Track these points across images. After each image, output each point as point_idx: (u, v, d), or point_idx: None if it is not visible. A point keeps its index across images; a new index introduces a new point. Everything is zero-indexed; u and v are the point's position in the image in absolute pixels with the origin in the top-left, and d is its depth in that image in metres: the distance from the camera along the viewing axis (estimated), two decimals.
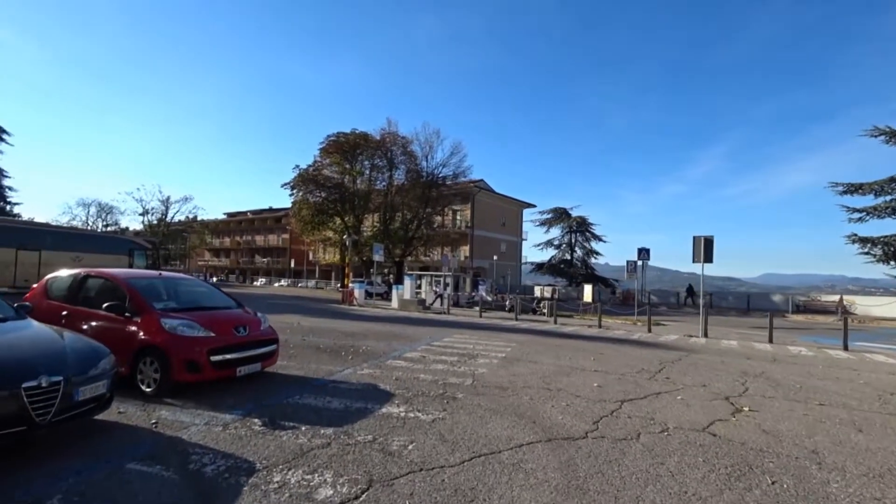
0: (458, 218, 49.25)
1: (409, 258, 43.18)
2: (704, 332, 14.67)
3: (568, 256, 51.25)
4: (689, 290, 37.53)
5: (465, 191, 45.71)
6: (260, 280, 69.64)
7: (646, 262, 22.81)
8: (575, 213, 51.28)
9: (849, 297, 28.70)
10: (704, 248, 14.63)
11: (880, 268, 28.16)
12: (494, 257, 44.01)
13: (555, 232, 52.38)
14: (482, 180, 51.70)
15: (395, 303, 24.23)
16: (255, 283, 68.30)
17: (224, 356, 5.46)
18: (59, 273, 6.34)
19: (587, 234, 51.31)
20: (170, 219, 65.87)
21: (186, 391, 5.30)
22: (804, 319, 24.72)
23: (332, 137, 38.96)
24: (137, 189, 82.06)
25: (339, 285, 41.68)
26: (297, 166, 38.95)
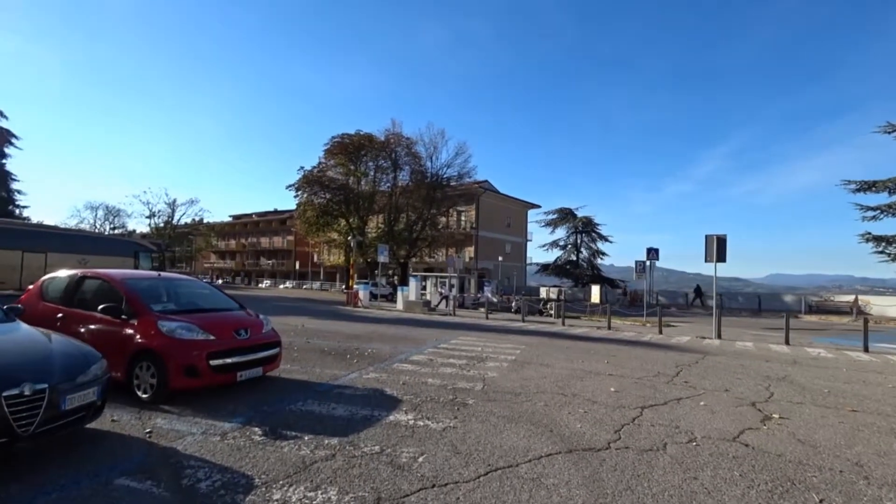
0: (463, 219, 48.97)
1: (414, 259, 42.94)
2: (718, 334, 14.29)
3: (574, 257, 50.81)
4: (697, 291, 37.01)
5: (470, 191, 45.42)
6: (265, 282, 69.63)
7: (654, 262, 22.46)
8: (581, 214, 50.89)
9: (864, 298, 28.11)
10: (717, 248, 14.24)
11: (894, 266, 27.55)
12: (499, 258, 43.67)
13: (560, 232, 52.00)
14: (487, 181, 51.39)
15: (399, 304, 23.98)
16: (260, 284, 68.33)
17: (224, 360, 5.21)
18: (56, 274, 6.13)
19: (593, 234, 50.86)
20: (176, 221, 66.13)
21: (184, 397, 5.05)
22: (818, 320, 24.18)
23: (337, 139, 38.84)
24: (144, 192, 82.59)
25: (343, 287, 41.51)
26: (301, 168, 38.88)
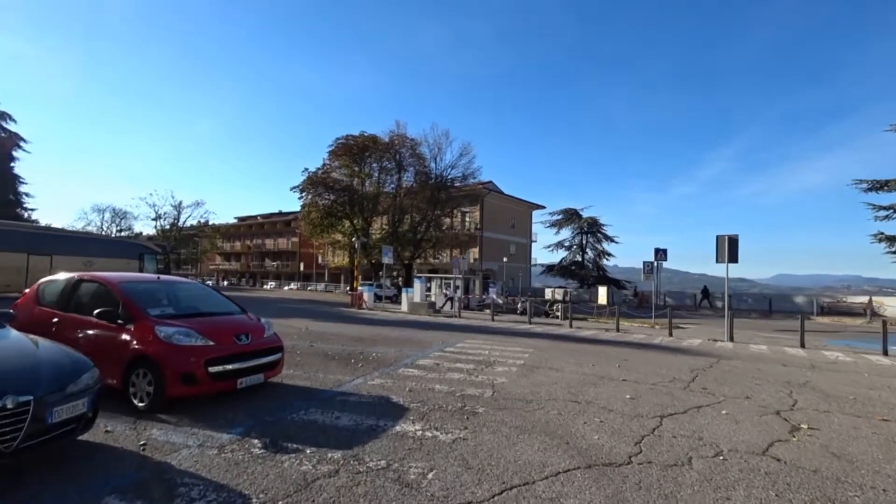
0: (468, 220, 48.74)
1: (419, 261, 42.75)
2: (730, 336, 13.96)
3: (579, 258, 50.44)
4: (705, 292, 36.56)
5: (475, 192, 45.18)
6: (270, 284, 69.68)
7: (661, 262, 22.09)
8: (586, 214, 50.51)
9: (877, 299, 27.57)
10: (729, 248, 13.93)
11: None
12: (504, 259, 43.41)
13: (565, 233, 51.69)
14: (491, 182, 51.13)
15: (404, 306, 23.77)
16: (264, 286, 68.38)
17: (224, 367, 5.00)
18: (52, 277, 5.96)
19: (599, 234, 50.46)
20: (182, 223, 66.40)
21: (182, 406, 4.84)
22: (830, 322, 23.73)
23: (341, 140, 38.76)
24: (150, 194, 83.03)
25: (348, 288, 41.35)
26: (306, 169, 38.86)
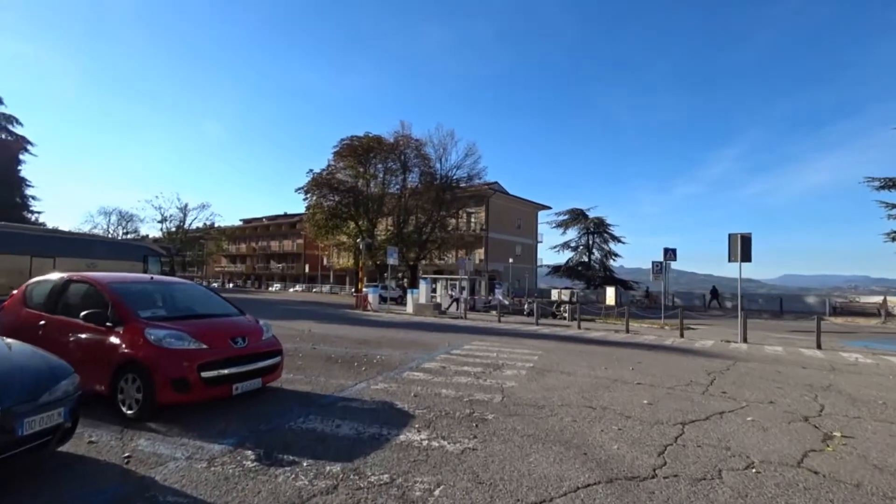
0: (473, 221, 48.41)
1: (424, 262, 42.47)
2: (744, 337, 13.57)
3: (585, 258, 49.94)
4: (714, 292, 36.00)
5: (480, 193, 44.85)
6: (275, 285, 69.67)
7: (670, 262, 21.66)
8: (592, 214, 50.01)
9: (892, 299, 26.95)
10: (742, 247, 13.54)
11: None
12: (510, 260, 43.03)
13: (571, 234, 51.16)
14: (497, 182, 50.79)
15: (410, 307, 23.49)
16: (270, 288, 68.38)
17: (218, 372, 4.73)
18: (41, 278, 5.72)
19: (605, 235, 49.93)
20: (188, 226, 66.51)
21: (174, 413, 4.58)
22: (844, 322, 23.17)
23: (346, 141, 38.56)
24: (156, 196, 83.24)
25: (353, 290, 41.18)
26: (310, 170, 38.64)
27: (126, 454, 3.60)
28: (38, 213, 45.15)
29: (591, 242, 50.07)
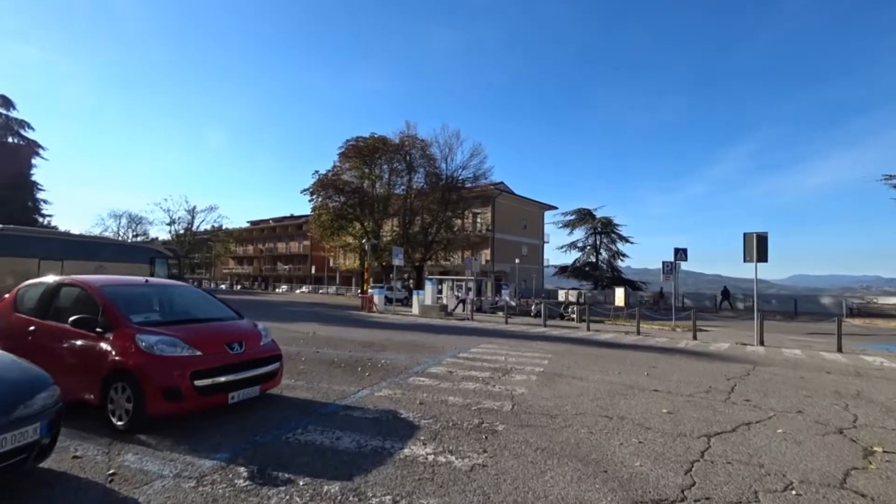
0: (479, 221, 48.07)
1: (430, 263, 42.21)
2: (760, 340, 13.11)
3: (593, 259, 49.40)
4: (725, 293, 35.34)
5: (486, 193, 44.54)
6: (282, 287, 69.83)
7: (680, 263, 21.18)
8: (599, 214, 49.47)
9: None
10: (758, 246, 13.09)
11: None
12: (516, 261, 42.66)
13: (578, 234, 50.67)
14: (502, 182, 50.41)
15: (415, 309, 23.23)
16: (276, 290, 68.52)
17: (213, 380, 4.48)
18: (34, 281, 5.51)
19: (613, 235, 49.36)
20: (196, 228, 66.90)
21: (166, 425, 4.33)
22: (863, 324, 22.52)
23: (351, 141, 38.44)
24: (165, 199, 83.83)
25: (359, 291, 41.01)
26: (316, 171, 38.58)
27: (111, 471, 3.36)
28: (50, 216, 45.59)
29: (598, 242, 49.53)
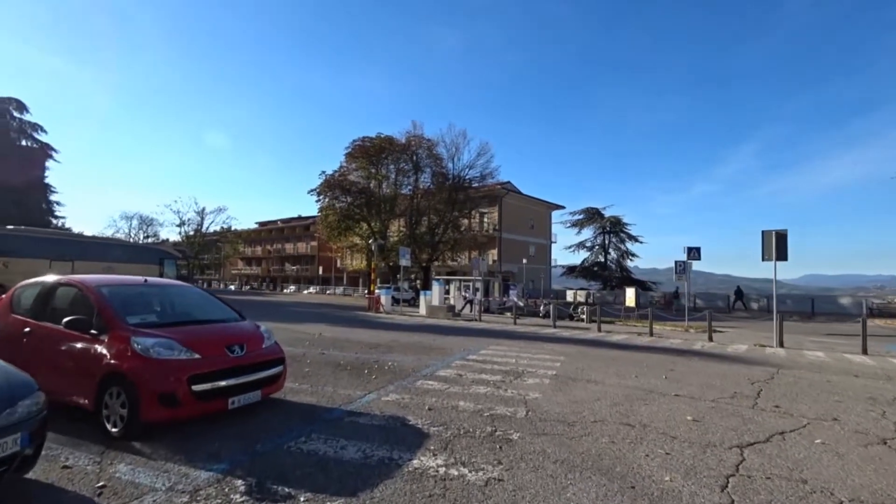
0: (486, 221, 47.72)
1: (437, 263, 41.95)
2: (780, 342, 12.67)
3: (602, 258, 48.82)
4: (738, 293, 34.67)
5: (493, 193, 44.18)
6: (290, 288, 69.97)
7: (692, 262, 20.69)
8: (608, 213, 48.88)
9: None
10: (777, 244, 12.67)
11: None
12: (524, 261, 42.23)
13: (587, 233, 50.12)
14: (509, 182, 50.02)
15: (422, 309, 22.97)
16: (284, 290, 68.68)
17: (212, 384, 4.25)
18: (31, 281, 5.33)
19: (622, 234, 48.72)
20: (205, 229, 67.32)
21: (163, 432, 4.11)
22: (885, 325, 21.89)
23: (357, 142, 38.32)
24: (175, 201, 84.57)
25: (366, 292, 40.89)
26: (323, 172, 38.49)
27: (100, 483, 3.13)
28: (63, 217, 46.17)
29: (607, 242, 48.94)
